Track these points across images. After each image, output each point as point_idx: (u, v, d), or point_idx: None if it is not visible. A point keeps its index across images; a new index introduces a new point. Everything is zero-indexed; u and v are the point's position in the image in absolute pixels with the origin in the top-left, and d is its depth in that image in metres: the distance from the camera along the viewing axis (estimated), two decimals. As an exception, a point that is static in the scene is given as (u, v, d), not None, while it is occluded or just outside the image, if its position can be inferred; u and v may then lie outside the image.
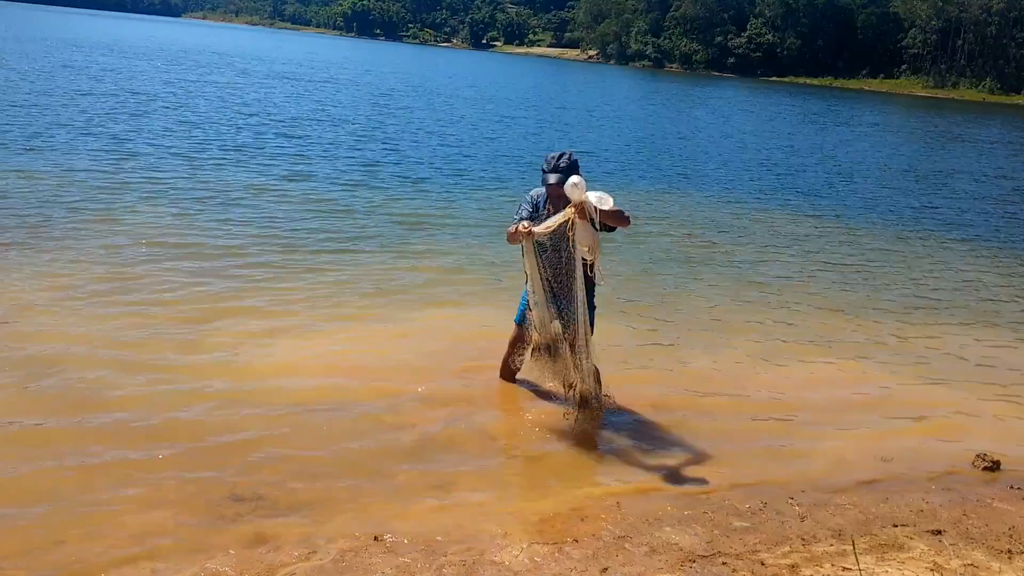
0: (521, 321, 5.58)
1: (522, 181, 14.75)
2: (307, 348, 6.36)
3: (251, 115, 21.13)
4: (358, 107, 26.43)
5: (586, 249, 4.91)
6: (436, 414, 5.44)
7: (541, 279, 5.07)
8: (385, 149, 17.77)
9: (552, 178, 5.11)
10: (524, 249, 5.08)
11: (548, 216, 5.11)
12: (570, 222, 4.84)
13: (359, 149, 17.38)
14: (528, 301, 5.23)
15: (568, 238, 4.89)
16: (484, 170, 16.24)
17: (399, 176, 14.58)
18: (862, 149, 28.95)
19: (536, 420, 5.51)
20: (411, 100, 30.98)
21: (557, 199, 5.13)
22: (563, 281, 5.06)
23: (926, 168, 24.48)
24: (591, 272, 5.03)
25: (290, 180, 13.03)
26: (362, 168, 14.98)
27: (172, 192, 11.26)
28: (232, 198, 11.28)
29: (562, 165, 5.12)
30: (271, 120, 20.57)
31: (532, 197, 5.37)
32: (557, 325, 5.10)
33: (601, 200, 4.79)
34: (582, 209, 4.81)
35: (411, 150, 17.95)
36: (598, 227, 4.96)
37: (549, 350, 5.17)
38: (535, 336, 5.20)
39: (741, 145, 26.44)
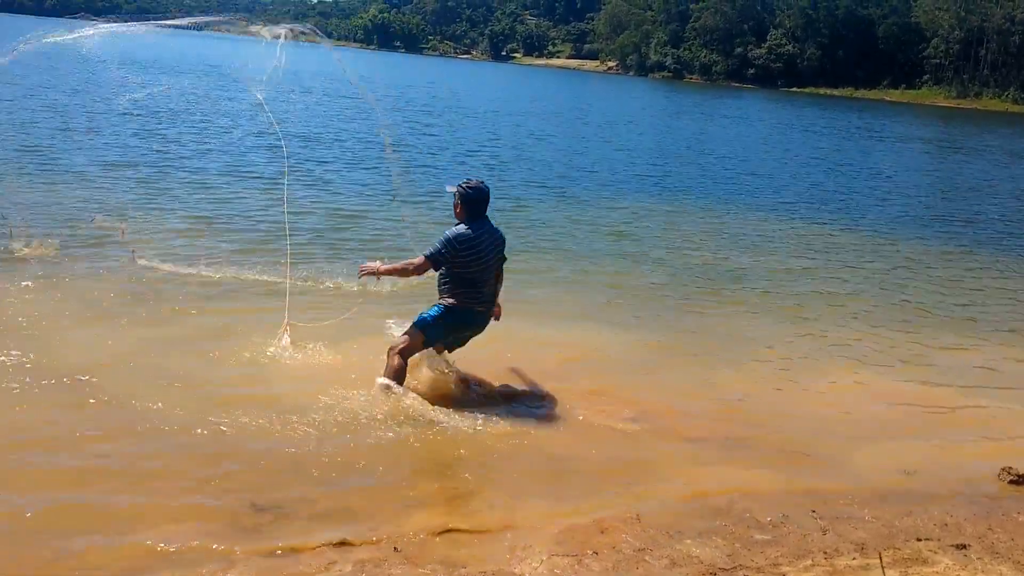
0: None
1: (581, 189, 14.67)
2: (328, 359, 6.38)
3: (290, 133, 21.17)
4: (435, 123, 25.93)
5: None
6: (456, 426, 5.44)
7: None
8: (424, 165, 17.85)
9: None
10: None
11: None
12: None
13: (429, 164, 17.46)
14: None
15: None
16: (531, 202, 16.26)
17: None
18: (928, 167, 28.16)
19: (555, 433, 5.50)
20: (471, 120, 30.12)
21: None
22: None
23: (1008, 188, 23.62)
24: None
25: (324, 191, 13.09)
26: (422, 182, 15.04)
27: (198, 204, 11.37)
28: (260, 209, 11.36)
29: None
30: (307, 135, 20.72)
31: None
32: None
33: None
34: None
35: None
36: None
37: None
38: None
39: (782, 160, 26.14)
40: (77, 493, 4.30)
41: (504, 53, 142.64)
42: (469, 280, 5.72)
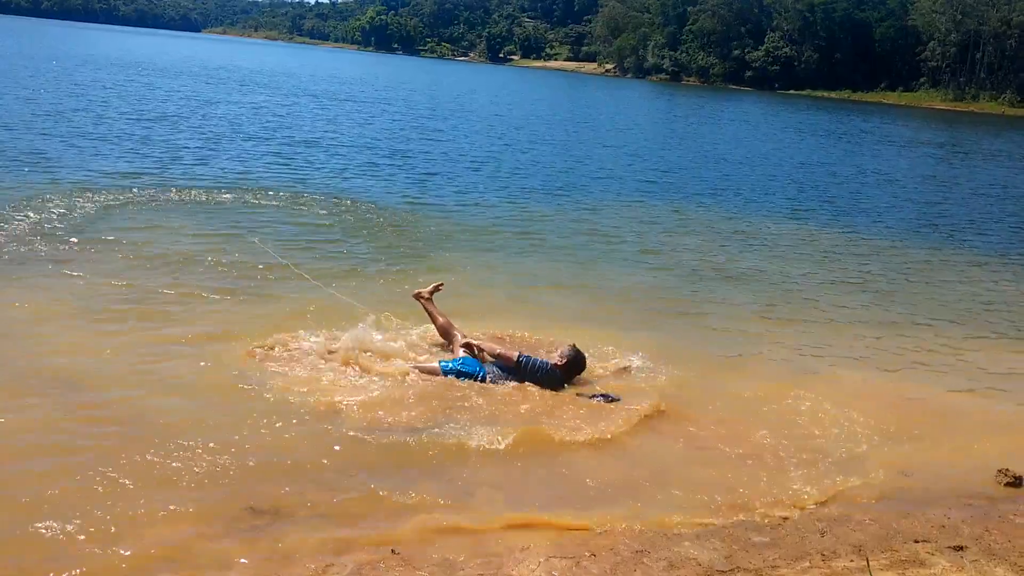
0: None
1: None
2: (323, 364, 6.36)
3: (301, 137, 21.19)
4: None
5: None
6: (453, 428, 5.44)
7: None
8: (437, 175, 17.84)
9: None
10: None
11: None
12: None
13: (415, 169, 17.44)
14: None
15: None
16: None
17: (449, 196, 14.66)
18: (940, 172, 27.66)
19: (553, 435, 5.49)
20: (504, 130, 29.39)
21: None
22: None
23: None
24: None
25: (315, 195, 13.07)
26: (415, 186, 15.05)
27: (195, 211, 11.36)
28: (263, 219, 11.32)
29: None
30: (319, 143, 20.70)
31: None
32: None
33: None
34: None
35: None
36: None
37: None
38: None
39: (793, 164, 25.85)
40: (75, 496, 4.29)
41: (502, 55, 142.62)
42: None
